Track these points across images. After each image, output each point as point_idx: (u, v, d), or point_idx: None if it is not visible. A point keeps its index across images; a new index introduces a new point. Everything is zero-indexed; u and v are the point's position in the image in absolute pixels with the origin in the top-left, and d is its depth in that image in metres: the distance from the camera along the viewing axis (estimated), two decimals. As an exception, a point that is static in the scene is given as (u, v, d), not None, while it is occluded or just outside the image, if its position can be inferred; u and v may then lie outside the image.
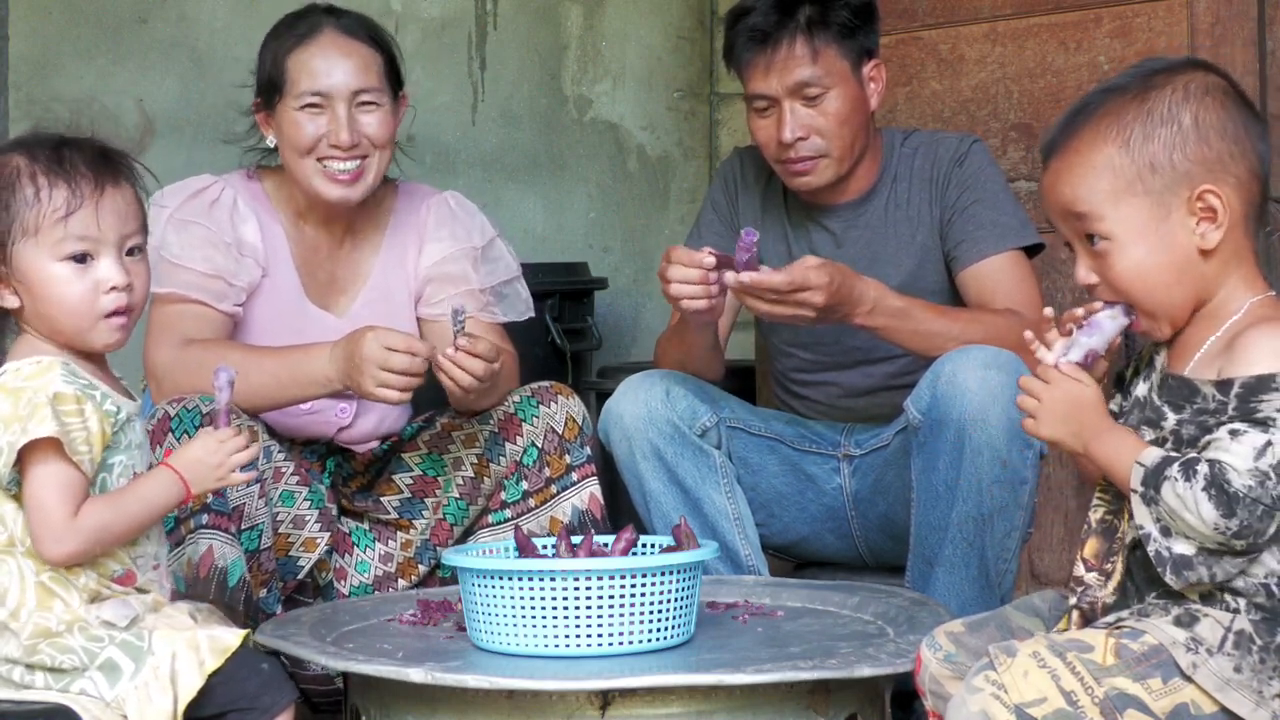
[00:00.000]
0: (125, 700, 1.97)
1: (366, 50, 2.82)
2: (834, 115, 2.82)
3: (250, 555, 2.60)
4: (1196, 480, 1.77)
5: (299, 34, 2.80)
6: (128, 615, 2.02)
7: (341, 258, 2.90)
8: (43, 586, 2.01)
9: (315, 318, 2.85)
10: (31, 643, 1.98)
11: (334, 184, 2.78)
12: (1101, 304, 1.96)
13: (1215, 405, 1.83)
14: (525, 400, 2.84)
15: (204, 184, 2.83)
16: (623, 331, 4.39)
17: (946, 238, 2.89)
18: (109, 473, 2.05)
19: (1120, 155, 1.90)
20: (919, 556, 2.68)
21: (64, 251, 2.02)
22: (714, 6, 4.41)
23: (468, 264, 2.92)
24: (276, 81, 2.80)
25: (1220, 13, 3.14)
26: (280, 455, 2.72)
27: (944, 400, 2.59)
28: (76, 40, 3.93)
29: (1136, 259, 1.90)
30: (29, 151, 2.05)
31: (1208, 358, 1.89)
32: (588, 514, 2.81)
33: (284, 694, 2.04)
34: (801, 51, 2.81)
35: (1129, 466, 1.84)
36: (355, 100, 2.78)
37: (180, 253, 2.74)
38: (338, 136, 2.75)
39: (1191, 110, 1.89)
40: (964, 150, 2.91)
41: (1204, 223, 1.88)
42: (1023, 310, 2.78)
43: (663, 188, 4.44)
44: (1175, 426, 1.87)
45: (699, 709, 2.04)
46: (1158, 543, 1.81)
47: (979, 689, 1.81)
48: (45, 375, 2.00)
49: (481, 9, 4.25)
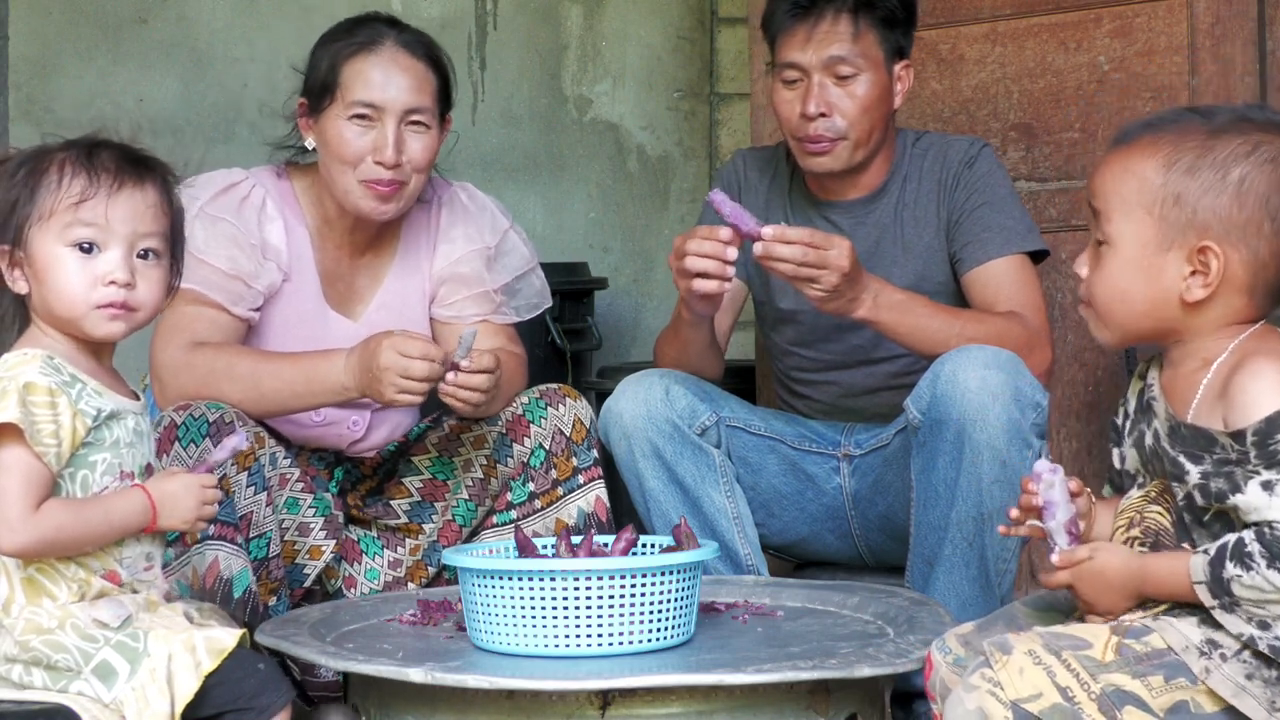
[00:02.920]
0: (124, 703, 1.97)
1: (424, 69, 2.77)
2: (860, 99, 2.83)
3: (259, 564, 2.60)
4: (1257, 562, 1.76)
5: (359, 41, 2.75)
6: (120, 615, 2.02)
7: (361, 266, 2.88)
8: (30, 581, 2.01)
9: (334, 323, 2.83)
10: (24, 639, 1.98)
11: (370, 199, 2.74)
12: (1033, 483, 1.96)
13: (1236, 455, 1.81)
14: (534, 402, 2.84)
15: (235, 179, 2.80)
16: (623, 331, 4.39)
17: (953, 239, 2.89)
18: (91, 470, 2.05)
19: (1158, 173, 1.88)
20: (919, 556, 2.68)
21: (71, 237, 2.04)
22: (714, 6, 4.41)
23: (480, 264, 2.90)
24: (329, 85, 2.74)
25: (1220, 13, 3.14)
26: (286, 461, 2.70)
27: (944, 400, 2.59)
28: (76, 40, 3.93)
29: (1121, 272, 1.90)
30: (70, 146, 2.09)
31: (1207, 403, 1.87)
32: (593, 517, 2.81)
33: (281, 694, 2.03)
34: (844, 28, 2.82)
35: (1187, 588, 1.82)
36: (406, 119, 2.73)
37: (205, 248, 2.70)
38: (383, 154, 2.71)
39: (1244, 169, 1.85)
40: (973, 154, 2.92)
41: (1197, 275, 1.87)
42: (1026, 314, 2.78)
43: (663, 188, 4.44)
44: (1201, 480, 1.85)
45: (699, 709, 2.04)
46: (1264, 640, 1.78)
47: (975, 686, 1.82)
48: (24, 366, 2.01)
49: (481, 9, 4.25)
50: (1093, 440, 3.27)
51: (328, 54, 2.77)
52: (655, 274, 4.41)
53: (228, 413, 2.57)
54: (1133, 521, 1.99)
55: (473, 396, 2.58)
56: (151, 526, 2.08)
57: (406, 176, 2.74)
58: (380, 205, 2.75)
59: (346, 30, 2.79)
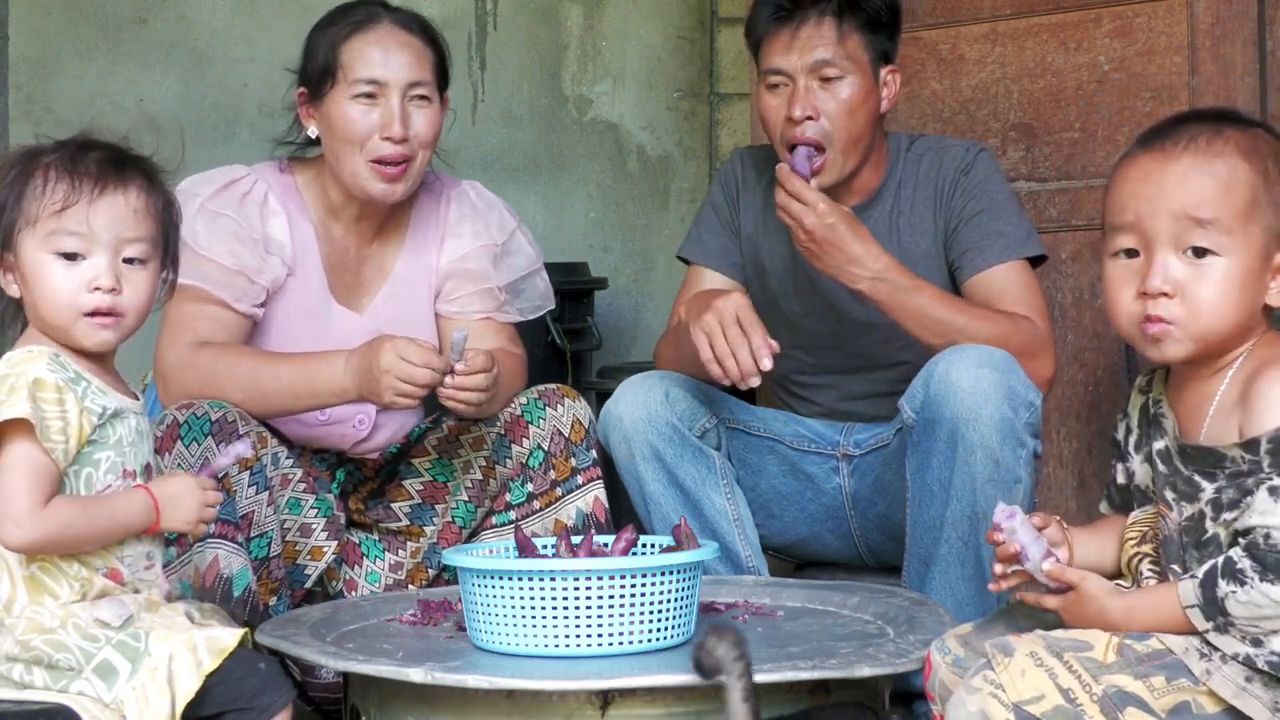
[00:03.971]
0: (124, 702, 1.97)
1: (421, 44, 2.80)
2: (845, 101, 2.81)
3: (259, 563, 2.60)
4: (1250, 577, 1.76)
5: (355, 22, 2.77)
6: (122, 615, 2.02)
7: (368, 256, 2.88)
8: (32, 580, 2.01)
9: (339, 316, 2.83)
10: (26, 638, 1.98)
11: (379, 179, 2.75)
12: (997, 534, 1.95)
13: (1249, 467, 1.81)
14: (532, 403, 2.84)
15: (236, 175, 2.80)
16: (622, 331, 4.39)
17: (951, 246, 2.88)
18: (95, 468, 2.05)
19: (1257, 181, 1.86)
20: (915, 556, 2.68)
21: (55, 245, 2.04)
22: (714, 6, 4.41)
23: (487, 261, 2.91)
24: (330, 68, 2.76)
25: (1220, 13, 3.14)
26: (288, 462, 2.70)
27: (937, 399, 2.59)
28: (76, 40, 3.93)
29: (1234, 284, 1.86)
30: (59, 147, 2.08)
31: (1222, 413, 1.87)
32: (592, 517, 2.81)
33: (282, 693, 2.03)
34: (828, 31, 2.81)
35: (1178, 618, 1.81)
36: (409, 93, 2.75)
37: (207, 244, 2.71)
38: (390, 129, 2.72)
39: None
40: (970, 159, 2.91)
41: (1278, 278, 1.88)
42: (1031, 319, 2.77)
43: (663, 188, 4.44)
44: (1214, 495, 1.85)
45: (699, 709, 2.04)
46: (1261, 657, 1.78)
47: (977, 689, 1.82)
48: (31, 363, 2.01)
49: (481, 9, 4.25)
50: (1093, 440, 3.27)
51: (324, 39, 2.78)
52: (655, 274, 4.41)
53: (230, 411, 2.57)
54: (1145, 536, 1.99)
55: (472, 397, 2.58)
56: (154, 528, 2.09)
57: (413, 151, 2.76)
58: (389, 186, 2.76)
59: (341, 14, 2.81)
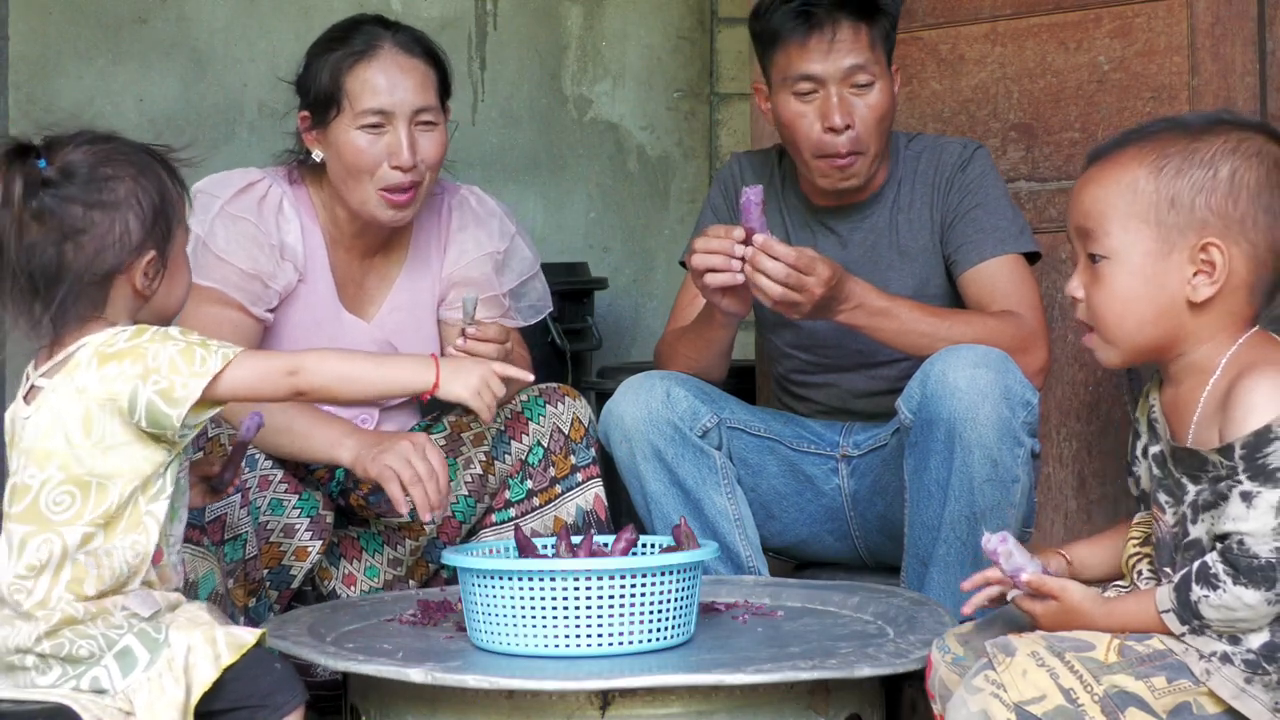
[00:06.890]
0: (136, 690, 1.97)
1: (425, 68, 2.77)
2: (875, 108, 2.80)
3: (235, 565, 2.59)
4: (1223, 581, 1.76)
5: (358, 50, 2.73)
6: (152, 607, 2.04)
7: (371, 268, 2.89)
8: (77, 564, 2.01)
9: (348, 324, 2.84)
10: (54, 629, 1.98)
11: (388, 207, 2.74)
12: (993, 551, 1.95)
13: (1226, 471, 1.81)
14: (533, 400, 2.84)
15: (253, 178, 2.80)
16: (622, 331, 4.39)
17: (947, 241, 2.89)
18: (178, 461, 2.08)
19: (1148, 180, 1.88)
20: (913, 556, 2.68)
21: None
22: (714, 6, 4.41)
23: (490, 269, 2.91)
24: (334, 97, 2.73)
25: (1220, 13, 3.14)
26: (268, 464, 2.69)
27: (934, 399, 2.59)
28: (76, 40, 3.93)
29: (1126, 285, 1.89)
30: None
31: (1206, 418, 1.87)
32: (592, 514, 2.81)
33: (295, 694, 2.04)
34: (857, 36, 2.78)
35: (1155, 620, 1.83)
36: (415, 119, 2.73)
37: (226, 247, 2.71)
38: (399, 158, 2.70)
39: (1234, 164, 1.86)
40: (967, 156, 2.91)
41: (1200, 275, 1.87)
42: (1022, 312, 2.78)
43: (663, 188, 4.44)
44: (1194, 498, 1.87)
45: (699, 709, 2.04)
46: (1238, 654, 1.79)
47: (979, 689, 1.81)
48: (145, 332, 2.03)
49: (481, 9, 4.25)
50: (1093, 440, 3.27)
51: (326, 65, 2.75)
52: (655, 274, 4.41)
53: None
54: (1147, 538, 2.00)
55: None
56: (433, 389, 2.17)
57: (421, 176, 2.75)
58: (398, 213, 2.76)
59: (341, 38, 2.77)
